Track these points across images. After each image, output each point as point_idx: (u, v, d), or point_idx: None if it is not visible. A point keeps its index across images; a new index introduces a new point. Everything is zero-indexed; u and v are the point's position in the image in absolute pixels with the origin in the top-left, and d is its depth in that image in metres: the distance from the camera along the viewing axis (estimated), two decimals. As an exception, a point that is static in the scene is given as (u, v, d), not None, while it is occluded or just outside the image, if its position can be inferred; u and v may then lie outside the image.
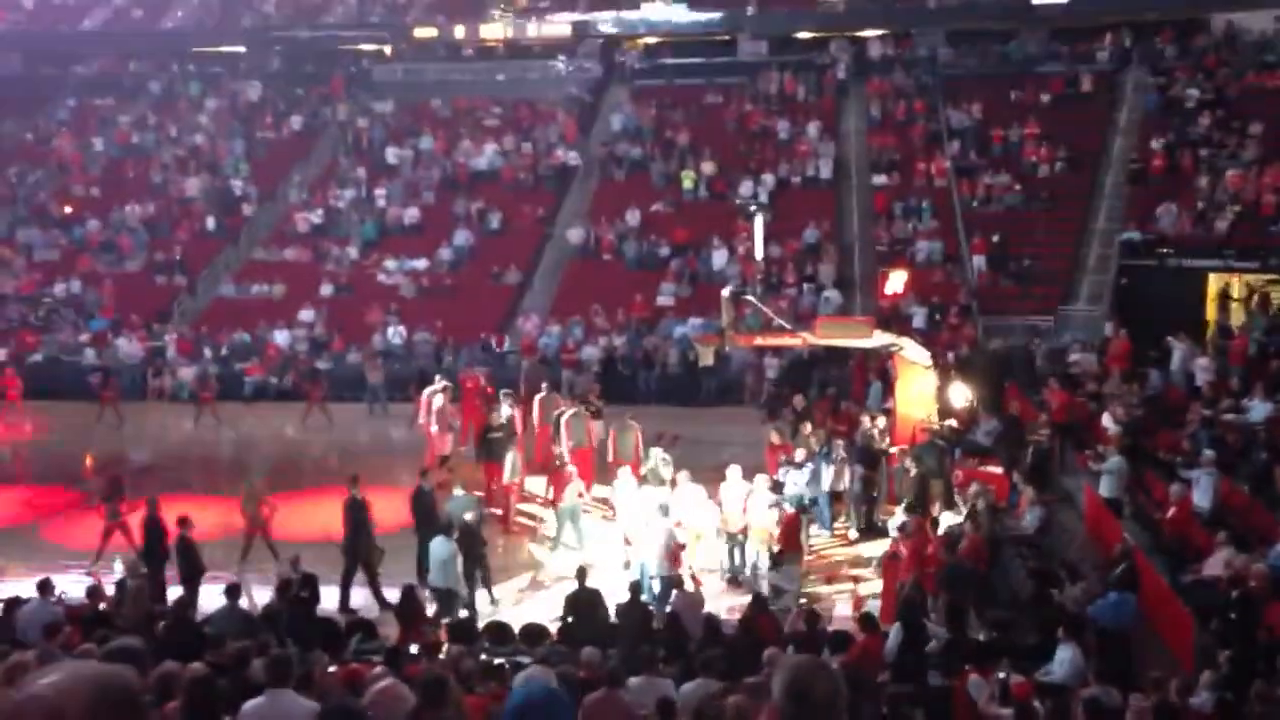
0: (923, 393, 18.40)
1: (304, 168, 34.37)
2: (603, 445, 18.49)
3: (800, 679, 2.81)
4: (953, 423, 18.23)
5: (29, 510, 18.97)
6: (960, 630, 11.22)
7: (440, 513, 14.78)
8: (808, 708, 2.76)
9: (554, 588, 14.65)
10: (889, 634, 10.90)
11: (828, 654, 10.29)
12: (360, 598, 14.24)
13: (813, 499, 16.41)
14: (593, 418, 19.10)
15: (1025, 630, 12.16)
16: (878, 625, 11.23)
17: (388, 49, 38.55)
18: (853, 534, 16.77)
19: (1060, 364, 21.94)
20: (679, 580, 13.56)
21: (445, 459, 18.94)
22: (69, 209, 33.02)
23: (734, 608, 13.41)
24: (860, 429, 17.79)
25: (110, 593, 12.44)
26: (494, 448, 17.77)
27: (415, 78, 37.14)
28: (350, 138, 35.00)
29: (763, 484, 15.08)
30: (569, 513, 16.08)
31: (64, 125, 37.04)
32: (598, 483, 17.76)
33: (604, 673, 8.56)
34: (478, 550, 14.20)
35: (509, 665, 9.91)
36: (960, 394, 19.09)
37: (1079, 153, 29.68)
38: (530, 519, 17.74)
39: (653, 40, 37.28)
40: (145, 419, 24.71)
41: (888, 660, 10.64)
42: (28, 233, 32.19)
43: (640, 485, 15.86)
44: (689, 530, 14.89)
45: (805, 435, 17.85)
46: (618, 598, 12.32)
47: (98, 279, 30.28)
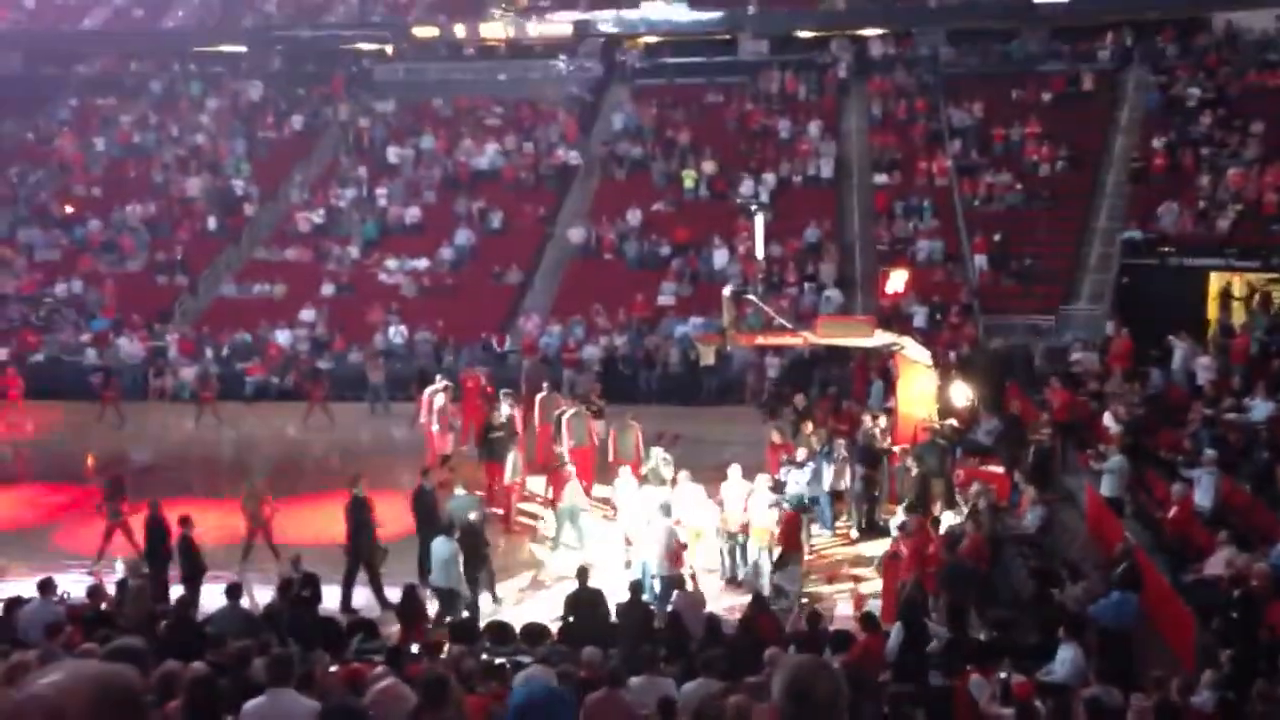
0: (924, 392, 18.40)
1: (305, 167, 34.36)
2: (603, 445, 18.49)
3: (801, 679, 2.80)
4: (954, 422, 18.21)
5: (31, 510, 18.98)
6: (961, 630, 11.22)
7: (442, 512, 14.78)
8: (808, 707, 2.76)
9: (555, 587, 14.65)
10: (890, 633, 10.90)
11: (829, 653, 10.28)
12: (361, 598, 14.25)
13: (813, 498, 16.42)
14: (594, 417, 19.11)
15: (1026, 630, 12.16)
16: (879, 625, 11.23)
17: (389, 48, 38.53)
18: (854, 533, 16.78)
19: (1061, 363, 21.94)
20: (680, 580, 13.57)
21: (446, 458, 18.94)
22: (70, 209, 32.99)
23: (734, 607, 13.41)
24: (861, 428, 17.78)
25: (112, 592, 12.45)
26: (495, 447, 17.78)
27: (416, 77, 37.12)
28: (351, 137, 35.00)
29: (763, 483, 15.08)
30: (568, 513, 16.08)
31: (65, 125, 36.99)
32: (598, 482, 17.78)
33: (605, 672, 8.58)
34: (482, 551, 14.21)
35: (510, 665, 9.92)
36: (961, 393, 19.08)
37: (1080, 152, 29.65)
38: (531, 518, 17.74)
39: (653, 39, 37.25)
40: (146, 419, 24.71)
41: (889, 660, 10.64)
42: (29, 232, 32.17)
43: (641, 485, 15.86)
44: (689, 529, 14.89)
45: (806, 434, 17.83)
46: (619, 597, 12.32)
47: (99, 279, 30.27)
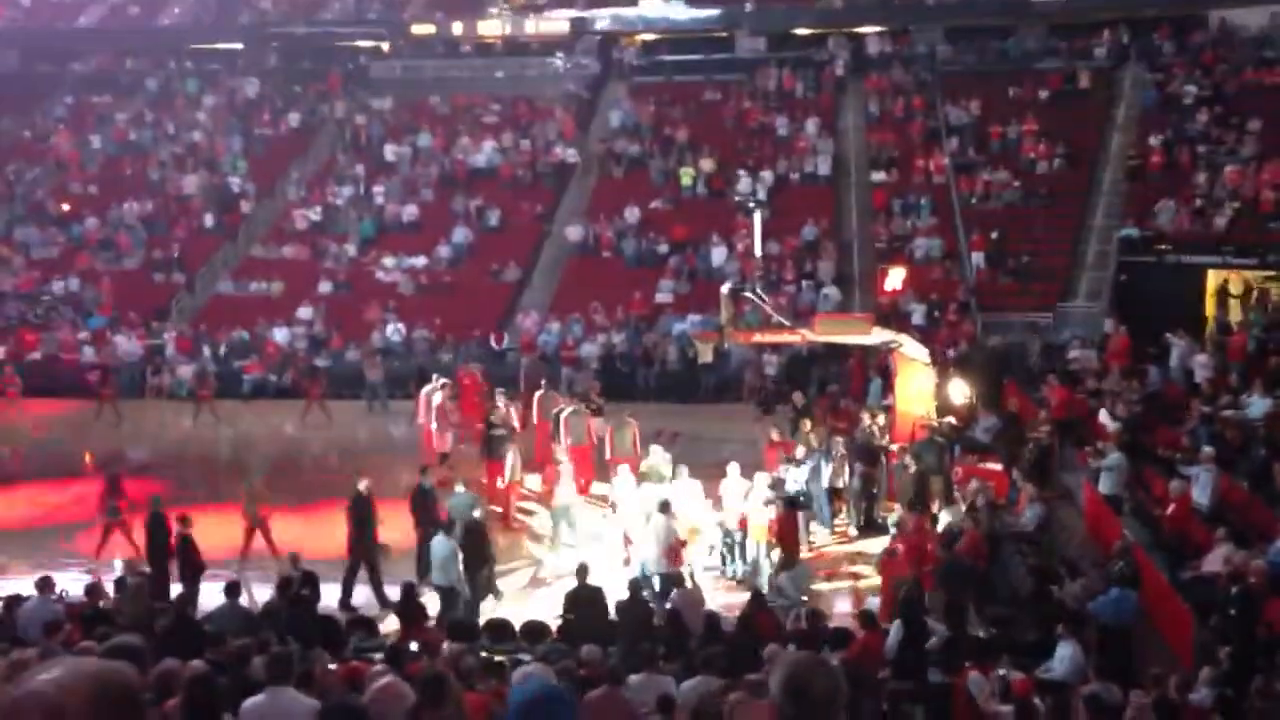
0: (922, 390, 18.42)
1: (302, 165, 34.33)
2: (601, 443, 18.48)
3: (799, 676, 2.80)
4: (952, 420, 18.22)
5: (29, 508, 18.95)
6: (959, 627, 11.23)
7: (441, 510, 14.77)
8: (806, 705, 2.75)
9: (554, 585, 14.64)
10: (889, 631, 10.91)
11: (827, 651, 10.28)
12: (360, 596, 14.24)
13: (805, 493, 16.33)
14: (593, 415, 19.10)
15: (1025, 627, 12.17)
16: (878, 622, 11.24)
17: (385, 45, 38.48)
18: (852, 531, 16.79)
19: (1058, 360, 21.95)
20: (679, 577, 13.57)
21: (445, 456, 18.92)
22: (67, 206, 32.95)
23: (733, 605, 13.41)
24: (860, 426, 17.78)
25: (110, 590, 12.44)
26: (495, 445, 17.77)
27: (413, 74, 37.05)
28: (348, 135, 34.96)
29: (763, 482, 15.07)
30: (563, 511, 16.05)
31: (61, 122, 36.92)
32: (597, 480, 17.76)
33: (604, 670, 8.59)
34: (486, 550, 14.19)
35: (509, 663, 9.91)
36: (959, 391, 19.09)
37: (1077, 149, 29.67)
38: (526, 515, 17.72)
39: (651, 37, 37.22)
40: (144, 417, 24.67)
41: (888, 657, 10.64)
42: (25, 230, 32.11)
43: (639, 483, 15.84)
44: (685, 524, 14.86)
45: (805, 432, 17.84)
46: (618, 595, 12.32)
47: (96, 277, 30.22)
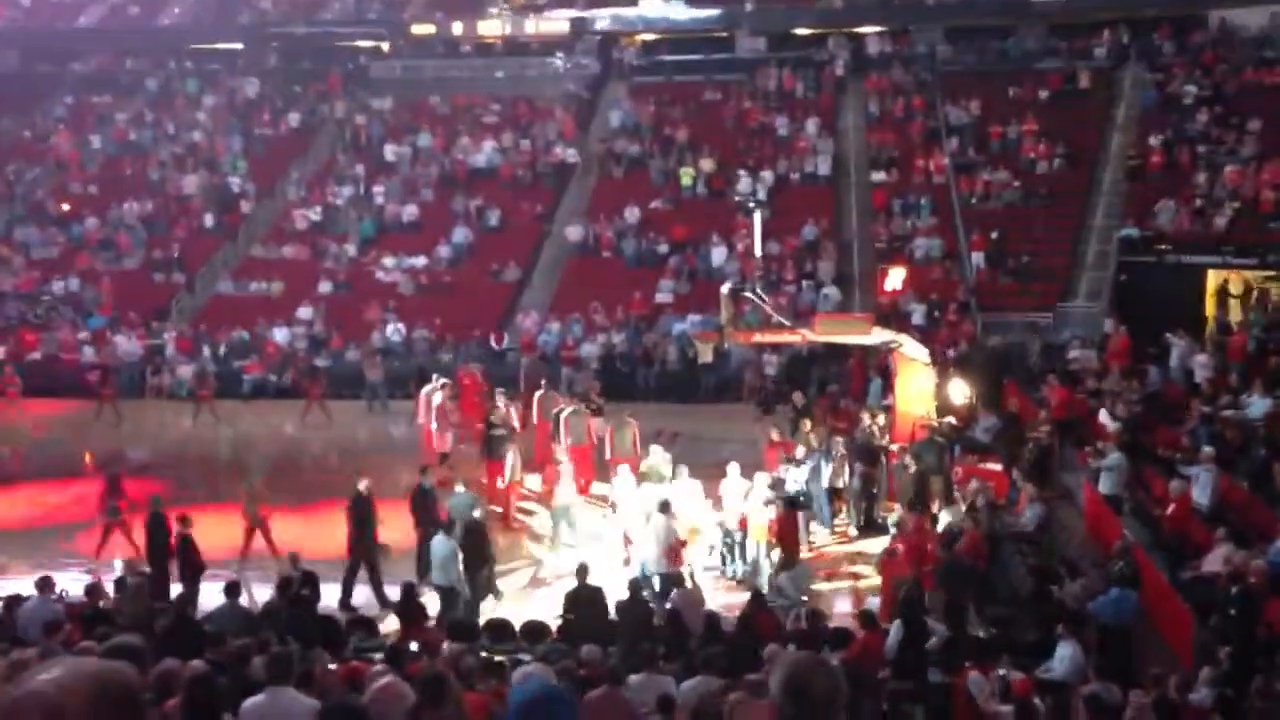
0: (922, 390, 18.41)
1: (302, 165, 34.33)
2: (601, 443, 18.47)
3: (798, 676, 2.79)
4: (952, 420, 18.22)
5: (29, 508, 18.94)
6: (959, 627, 11.23)
7: (441, 510, 14.76)
8: (806, 705, 2.75)
9: (554, 585, 14.63)
10: (889, 631, 10.91)
11: (827, 651, 10.28)
12: (360, 596, 14.23)
13: (804, 493, 16.33)
14: (593, 415, 19.09)
15: (1025, 627, 12.17)
16: (878, 622, 11.24)
17: (385, 45, 38.48)
18: (852, 531, 16.79)
19: (1058, 360, 21.95)
20: (679, 577, 13.56)
21: (445, 456, 18.91)
22: (67, 206, 32.95)
23: (733, 605, 13.40)
24: (860, 426, 17.78)
25: (110, 590, 12.44)
26: (495, 445, 17.77)
27: (413, 74, 37.06)
28: (348, 135, 34.96)
29: (763, 482, 15.07)
30: (563, 511, 16.05)
31: (61, 122, 36.92)
32: (597, 480, 17.75)
33: (604, 670, 8.59)
34: (486, 550, 14.18)
35: (509, 663, 9.91)
36: (959, 391, 19.09)
37: (1077, 149, 29.67)
38: (526, 515, 17.72)
39: (651, 37, 37.22)
40: (144, 417, 24.67)
41: (888, 657, 10.64)
42: (25, 230, 32.11)
43: (639, 482, 15.84)
44: (685, 524, 14.86)
45: (805, 432, 17.84)
46: (618, 595, 12.32)
47: (96, 277, 30.22)
